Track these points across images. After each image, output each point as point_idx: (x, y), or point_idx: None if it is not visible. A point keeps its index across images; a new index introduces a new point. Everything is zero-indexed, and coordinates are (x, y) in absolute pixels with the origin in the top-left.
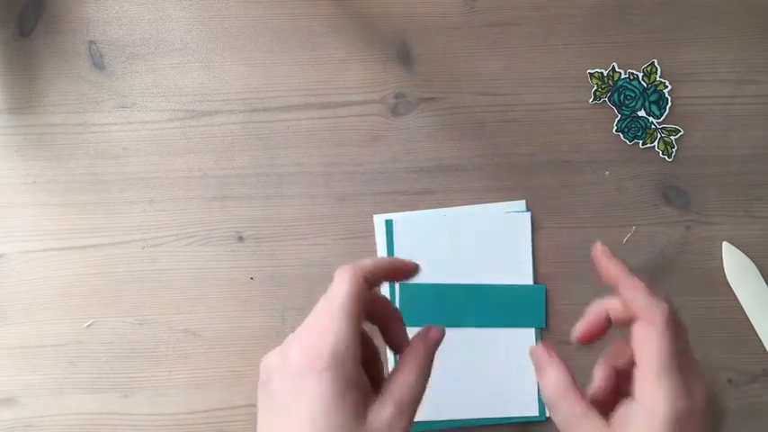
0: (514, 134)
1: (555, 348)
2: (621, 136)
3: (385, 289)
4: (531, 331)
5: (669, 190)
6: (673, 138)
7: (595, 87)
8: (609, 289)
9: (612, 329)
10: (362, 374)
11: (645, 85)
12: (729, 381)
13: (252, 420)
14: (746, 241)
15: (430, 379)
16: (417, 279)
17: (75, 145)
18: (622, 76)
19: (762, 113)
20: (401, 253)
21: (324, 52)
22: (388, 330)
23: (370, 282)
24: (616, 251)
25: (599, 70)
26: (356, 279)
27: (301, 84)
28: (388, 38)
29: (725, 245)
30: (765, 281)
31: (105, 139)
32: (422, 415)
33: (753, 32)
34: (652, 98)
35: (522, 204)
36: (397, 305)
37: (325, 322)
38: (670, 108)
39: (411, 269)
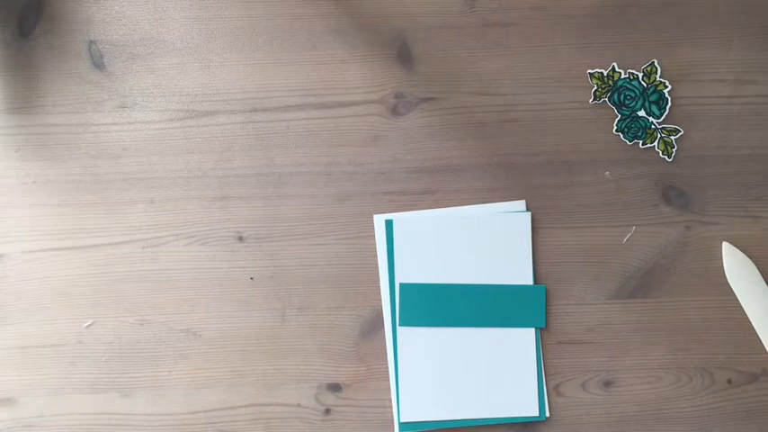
0: (514, 134)
1: None
2: (621, 136)
3: (385, 289)
4: (531, 331)
5: (669, 190)
6: (673, 138)
7: (595, 87)
8: (607, 288)
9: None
10: None
11: (645, 85)
12: (729, 381)
13: (252, 420)
14: (746, 241)
15: (431, 378)
16: (417, 279)
17: (76, 145)
18: (622, 76)
19: (762, 113)
20: (401, 253)
21: (324, 52)
22: None
23: None
24: (616, 251)
25: (599, 70)
26: None
27: (301, 84)
28: (388, 38)
29: (725, 245)
30: (765, 281)
31: (105, 139)
32: (423, 415)
33: (753, 32)
34: (652, 98)
35: (522, 204)
36: (397, 305)
37: None
38: (670, 108)
39: None
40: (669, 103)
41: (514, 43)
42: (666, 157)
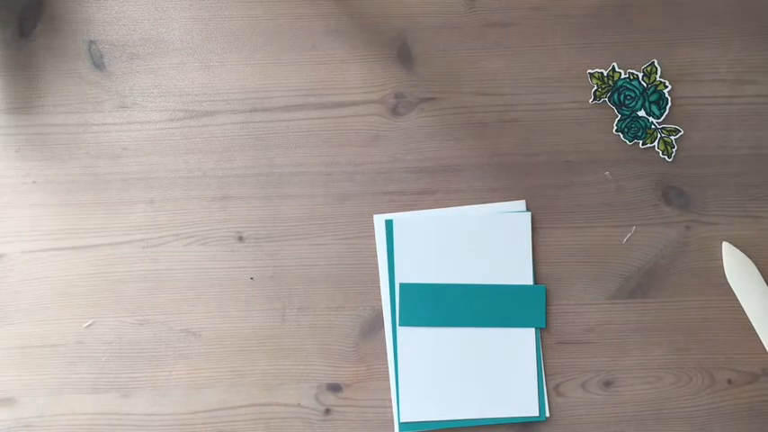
0: (514, 134)
1: None
2: (621, 136)
3: (385, 289)
4: (531, 331)
5: (669, 190)
6: (673, 138)
7: (595, 87)
8: (607, 288)
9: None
10: None
11: (645, 85)
12: (729, 381)
13: (252, 420)
14: (746, 241)
15: (431, 378)
16: (417, 279)
17: (76, 145)
18: (622, 76)
19: (762, 113)
20: (401, 253)
21: (324, 52)
22: None
23: None
24: (616, 251)
25: (599, 70)
26: None
27: (301, 84)
28: (388, 38)
29: (725, 245)
30: (765, 281)
31: (105, 139)
32: (422, 415)
33: (753, 32)
34: (652, 98)
35: (522, 204)
36: (397, 305)
37: None
38: (670, 108)
39: None
40: (669, 103)
41: (514, 43)
42: (666, 157)
